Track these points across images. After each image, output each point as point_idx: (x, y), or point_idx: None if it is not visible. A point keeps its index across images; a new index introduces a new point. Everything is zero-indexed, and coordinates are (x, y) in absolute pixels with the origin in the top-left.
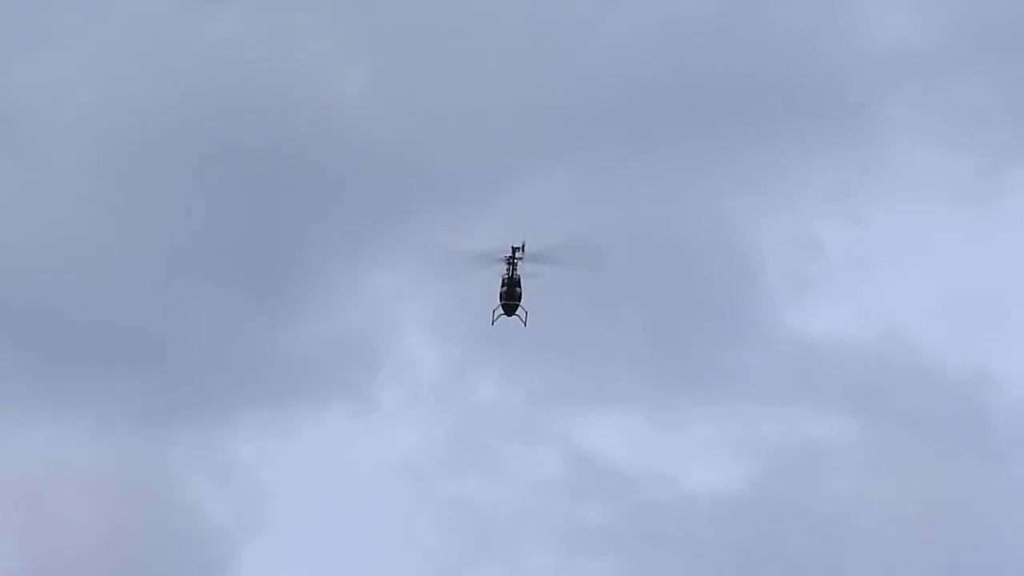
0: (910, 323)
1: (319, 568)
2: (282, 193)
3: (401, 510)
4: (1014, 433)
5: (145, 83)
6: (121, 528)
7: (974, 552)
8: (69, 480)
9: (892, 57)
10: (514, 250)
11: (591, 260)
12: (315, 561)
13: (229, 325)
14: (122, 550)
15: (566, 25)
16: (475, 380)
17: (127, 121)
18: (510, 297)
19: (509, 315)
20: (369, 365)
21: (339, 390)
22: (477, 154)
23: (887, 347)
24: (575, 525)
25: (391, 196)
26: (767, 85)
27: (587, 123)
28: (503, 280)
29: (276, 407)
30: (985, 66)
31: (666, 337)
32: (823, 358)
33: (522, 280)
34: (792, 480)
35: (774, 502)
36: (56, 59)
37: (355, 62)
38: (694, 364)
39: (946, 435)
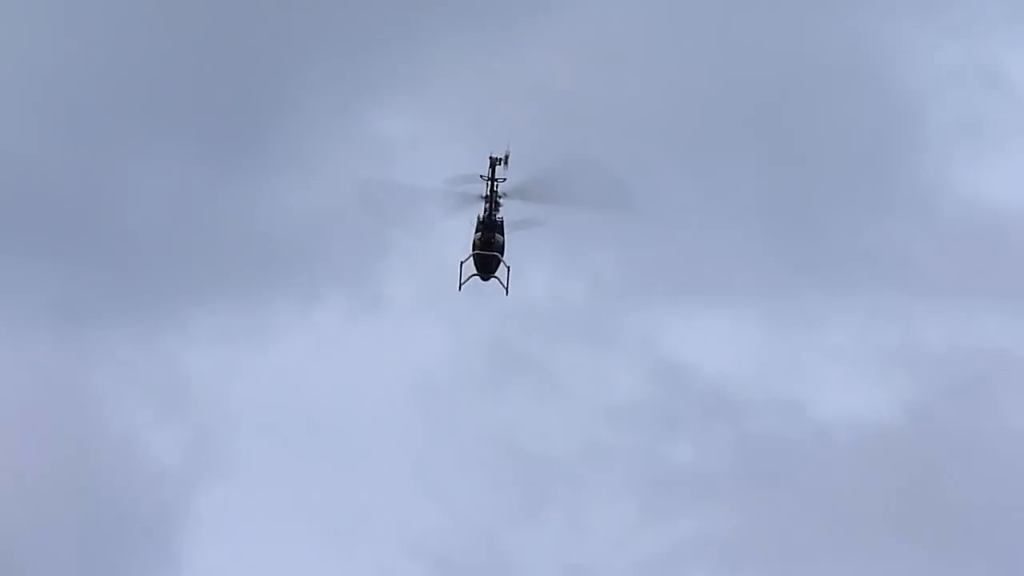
0: None
1: (300, 524)
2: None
3: (416, 446)
4: None
5: None
6: (32, 466)
7: None
8: None
9: None
10: (493, 165)
11: (612, 193)
12: (294, 514)
13: (179, 191)
14: (33, 495)
15: None
16: (521, 266)
17: None
18: (487, 246)
19: (485, 277)
20: (372, 247)
21: (330, 281)
22: None
23: None
24: (659, 467)
25: (402, 12)
26: None
27: None
28: (477, 222)
29: (243, 304)
30: None
31: (787, 209)
32: (1006, 235)
33: (505, 224)
34: (964, 406)
35: (938, 436)
36: None
37: None
38: (827, 246)
39: None
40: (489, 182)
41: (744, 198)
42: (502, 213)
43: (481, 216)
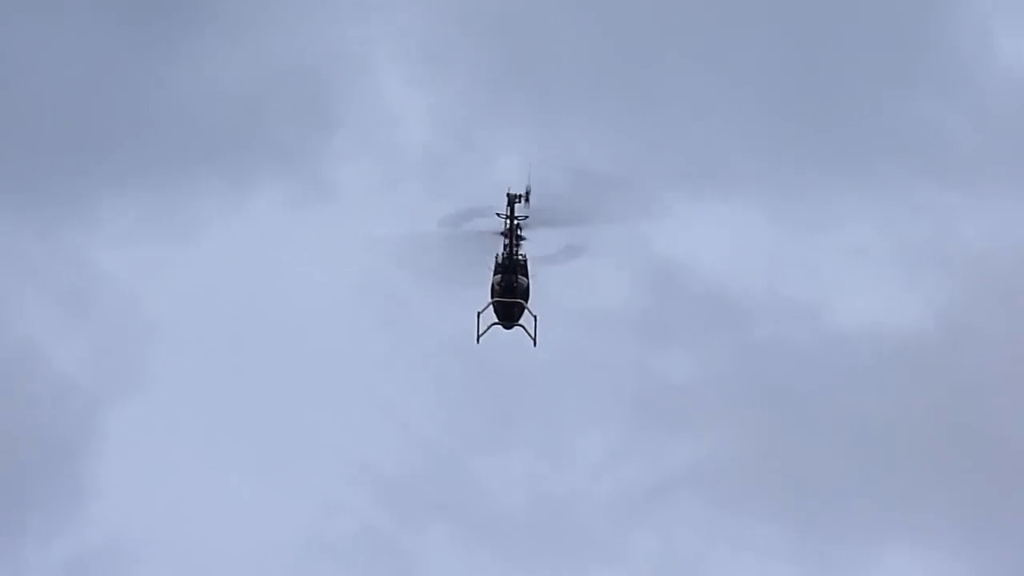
0: None
1: (228, 447)
2: None
3: (366, 357)
4: None
5: None
6: None
7: None
8: None
9: None
10: (512, 202)
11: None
12: (221, 436)
13: (88, 57)
14: None
15: None
16: (487, 144)
17: None
18: (508, 291)
19: (508, 325)
20: (314, 125)
21: (268, 160)
22: None
23: None
24: (649, 383)
25: None
26: None
27: None
28: (496, 263)
29: (163, 193)
30: None
31: (801, 84)
32: None
33: (529, 264)
34: (1003, 312)
35: (973, 347)
36: None
37: None
38: (847, 127)
39: None
40: (508, 220)
41: (750, 70)
42: (524, 250)
43: (500, 257)
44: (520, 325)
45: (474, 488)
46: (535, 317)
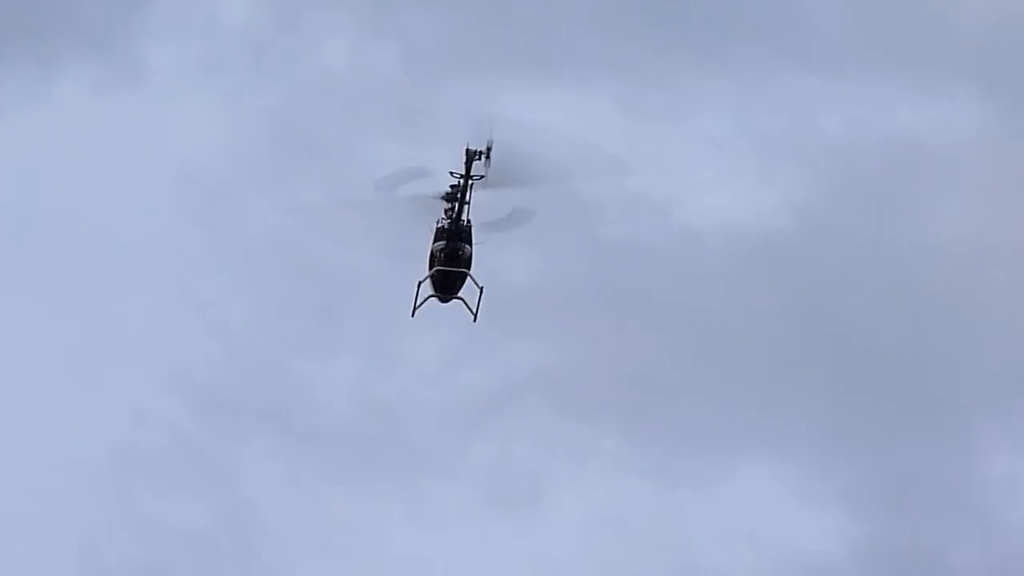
0: None
1: (27, 353)
2: None
3: (181, 256)
4: None
5: None
6: None
7: None
8: None
9: None
10: (471, 159)
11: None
12: (19, 341)
13: None
14: None
15: None
16: (313, 25)
17: None
18: (451, 261)
19: (445, 299)
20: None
21: (73, 45)
22: None
23: None
24: (487, 282)
25: None
26: None
27: None
28: (439, 228)
29: None
30: None
31: None
32: None
33: (473, 230)
34: (866, 210)
35: (835, 246)
36: None
37: None
38: (697, 7)
39: None
40: (463, 181)
41: None
42: (468, 216)
43: (444, 222)
44: (459, 298)
45: (298, 396)
46: (481, 288)
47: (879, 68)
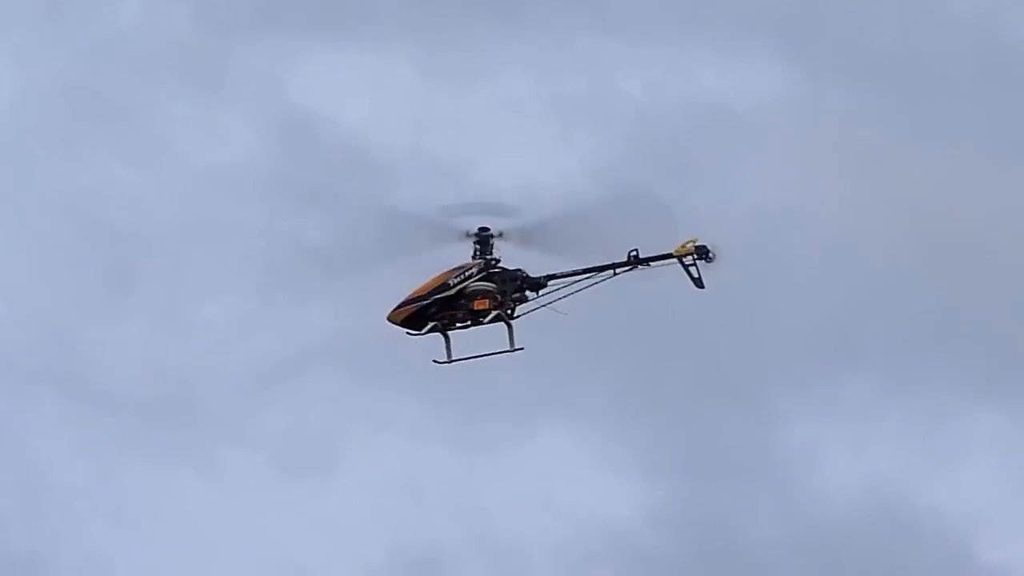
0: None
1: None
2: None
3: None
4: None
5: None
6: None
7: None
8: None
9: None
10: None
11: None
12: None
13: None
14: None
15: None
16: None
17: None
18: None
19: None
20: None
21: None
22: None
23: None
24: (280, 246)
25: None
26: None
27: None
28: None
29: None
30: None
31: None
32: None
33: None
34: (665, 172)
35: (631, 208)
36: None
37: None
38: None
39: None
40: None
41: None
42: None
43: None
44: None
45: (88, 360)
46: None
47: (680, 30)
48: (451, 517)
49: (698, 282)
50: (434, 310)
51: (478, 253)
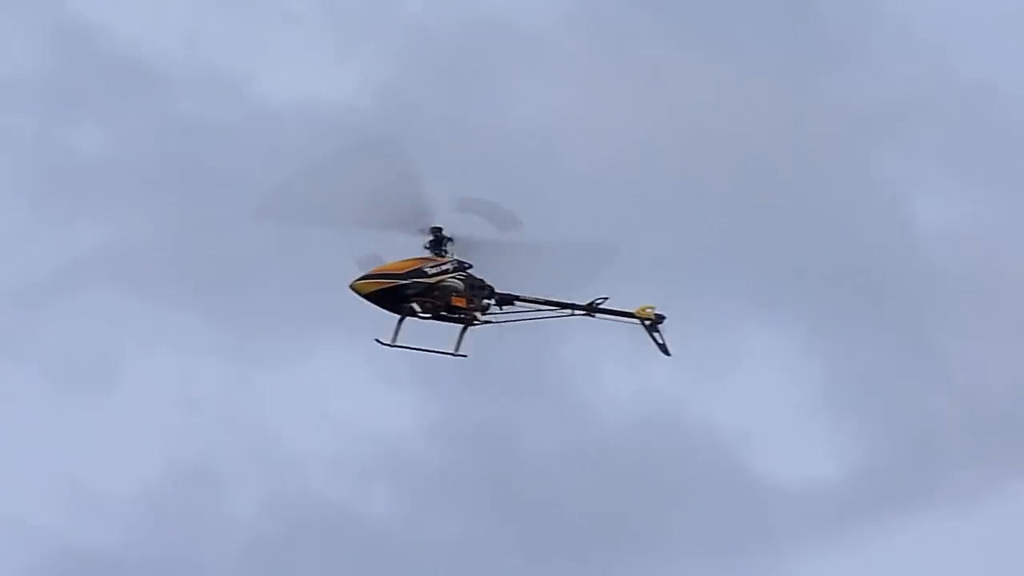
0: None
1: None
2: None
3: None
4: None
5: None
6: None
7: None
8: None
9: None
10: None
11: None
12: None
13: None
14: None
15: None
16: None
17: None
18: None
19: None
20: None
21: None
22: None
23: None
24: (55, 156)
25: None
26: None
27: None
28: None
29: None
30: None
31: None
32: None
33: None
34: (449, 87)
35: (416, 126)
36: None
37: None
38: None
39: None
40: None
41: None
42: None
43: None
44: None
45: None
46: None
47: None
48: (229, 431)
49: (663, 348)
50: (411, 292)
51: (426, 249)
